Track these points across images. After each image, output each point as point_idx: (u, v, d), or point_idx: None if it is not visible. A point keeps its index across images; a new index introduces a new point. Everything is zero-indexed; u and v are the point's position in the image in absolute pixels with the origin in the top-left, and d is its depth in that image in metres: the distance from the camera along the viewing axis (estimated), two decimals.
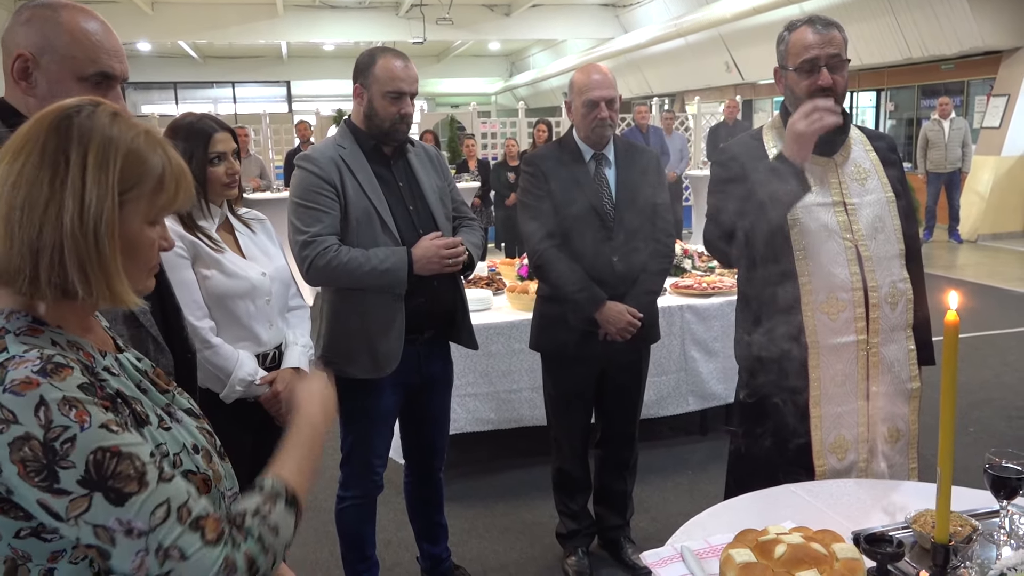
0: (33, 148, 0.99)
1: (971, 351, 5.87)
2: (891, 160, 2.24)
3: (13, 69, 1.49)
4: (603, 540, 3.23)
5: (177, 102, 23.22)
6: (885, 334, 2.16)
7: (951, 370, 1.38)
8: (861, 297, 2.13)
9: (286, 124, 13.30)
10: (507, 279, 4.58)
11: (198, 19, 16.00)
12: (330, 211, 2.45)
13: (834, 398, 2.16)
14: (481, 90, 27.67)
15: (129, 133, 1.03)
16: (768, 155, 2.18)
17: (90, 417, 0.95)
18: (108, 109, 1.04)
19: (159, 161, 1.05)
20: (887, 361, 2.17)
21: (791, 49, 2.14)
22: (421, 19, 15.69)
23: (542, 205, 2.83)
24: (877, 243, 2.15)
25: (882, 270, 2.15)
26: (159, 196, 1.05)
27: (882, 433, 2.19)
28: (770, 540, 1.51)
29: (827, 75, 2.09)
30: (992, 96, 11.15)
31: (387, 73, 2.45)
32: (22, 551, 0.98)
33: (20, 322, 1.01)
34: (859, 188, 2.18)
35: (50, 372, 0.95)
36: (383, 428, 2.68)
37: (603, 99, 2.76)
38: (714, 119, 12.30)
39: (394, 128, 2.51)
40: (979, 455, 1.60)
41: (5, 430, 0.92)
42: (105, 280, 1.01)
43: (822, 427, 2.16)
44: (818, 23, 2.12)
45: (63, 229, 0.97)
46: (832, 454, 2.17)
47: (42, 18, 1.49)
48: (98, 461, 0.94)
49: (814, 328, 2.13)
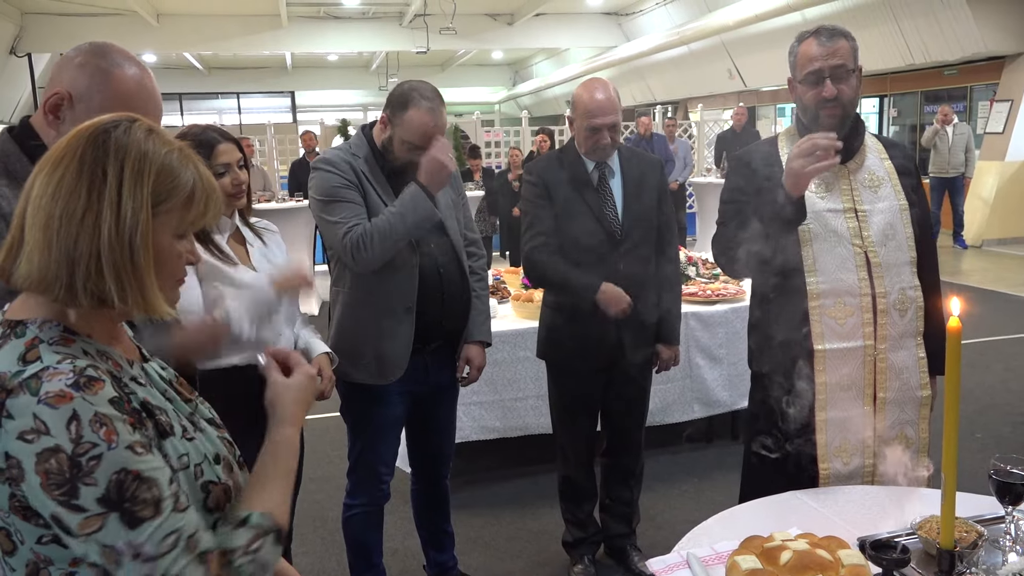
0: (72, 160, 1.02)
1: (977, 357, 5.86)
2: (906, 169, 2.26)
3: (48, 102, 1.52)
4: (609, 548, 3.23)
5: (182, 113, 23.30)
6: (893, 340, 2.17)
7: (955, 375, 1.38)
8: (869, 303, 2.14)
9: (290, 134, 13.35)
10: (512, 287, 4.59)
11: (203, 31, 16.09)
12: (356, 202, 2.44)
13: (839, 403, 2.17)
14: (484, 99, 27.73)
15: (163, 149, 1.06)
16: (782, 163, 2.20)
17: (118, 436, 0.96)
18: (144, 125, 1.08)
19: (191, 177, 1.08)
20: (896, 368, 2.18)
21: (798, 61, 2.18)
22: (424, 29, 15.73)
23: (542, 213, 2.84)
24: (887, 250, 2.16)
25: (891, 277, 2.16)
26: (189, 211, 1.08)
27: (890, 439, 2.19)
28: (776, 547, 1.51)
29: (831, 87, 2.11)
30: (995, 101, 11.15)
31: (414, 127, 2.42)
32: (44, 555, 1.00)
33: (52, 331, 1.03)
34: (871, 195, 2.19)
35: (83, 386, 0.97)
36: (390, 436, 2.68)
37: (605, 126, 2.77)
38: (717, 126, 12.32)
39: (404, 168, 2.50)
40: (985, 461, 1.60)
41: (35, 440, 0.94)
42: (140, 289, 1.03)
43: (827, 431, 2.17)
44: (824, 34, 2.14)
45: (100, 239, 1.00)
46: (837, 458, 2.18)
47: (94, 67, 1.53)
48: (120, 481, 0.95)
49: (821, 333, 2.15)
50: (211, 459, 1.12)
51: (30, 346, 1.00)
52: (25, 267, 1.02)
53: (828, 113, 2.14)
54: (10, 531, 1.00)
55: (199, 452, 1.10)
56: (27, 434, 0.94)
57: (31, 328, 1.02)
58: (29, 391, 0.95)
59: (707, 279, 4.67)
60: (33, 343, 1.01)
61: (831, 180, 2.19)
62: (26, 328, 1.03)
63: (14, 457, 0.94)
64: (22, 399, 0.95)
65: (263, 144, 12.21)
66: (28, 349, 1.00)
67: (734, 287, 4.34)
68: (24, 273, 1.02)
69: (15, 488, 0.96)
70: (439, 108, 2.46)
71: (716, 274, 4.74)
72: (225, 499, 1.10)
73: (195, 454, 1.09)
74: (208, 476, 1.09)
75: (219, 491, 1.09)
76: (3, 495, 0.97)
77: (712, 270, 4.80)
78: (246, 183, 2.26)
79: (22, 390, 0.96)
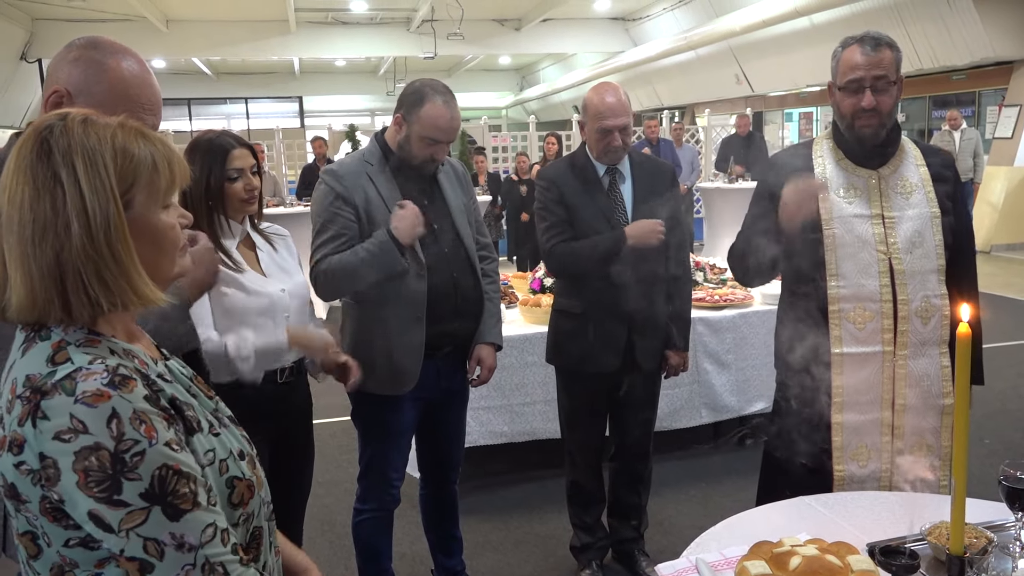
0: (24, 181, 1.00)
1: (986, 362, 5.77)
2: (943, 176, 2.25)
3: (47, 101, 1.51)
4: (617, 553, 3.23)
5: (191, 118, 23.41)
6: (915, 348, 2.18)
7: (964, 381, 1.38)
8: (890, 309, 2.16)
9: (299, 139, 13.39)
10: (519, 292, 4.60)
11: (211, 36, 16.17)
12: (344, 231, 2.46)
13: (856, 406, 2.20)
14: (492, 104, 27.79)
15: (107, 132, 1.03)
16: (813, 168, 2.24)
17: (157, 433, 0.98)
18: (77, 117, 1.04)
19: (145, 148, 1.05)
20: (916, 375, 2.19)
21: (840, 67, 2.17)
22: (432, 34, 15.77)
23: (557, 215, 2.86)
24: (913, 257, 2.17)
25: (915, 284, 2.16)
26: (158, 180, 1.06)
27: (909, 445, 2.21)
28: (785, 552, 1.51)
29: (870, 97, 2.11)
30: (1004, 106, 11.12)
31: (431, 121, 2.44)
32: (70, 559, 1.00)
33: (78, 334, 1.03)
34: (902, 202, 2.19)
35: (118, 384, 0.97)
36: (401, 442, 2.69)
37: (616, 127, 2.78)
38: (724, 131, 12.30)
39: (423, 165, 2.53)
40: (995, 467, 1.60)
41: (73, 439, 0.94)
42: (128, 285, 1.02)
43: (843, 433, 2.20)
44: (868, 43, 2.13)
45: (75, 248, 0.99)
46: (853, 461, 2.20)
47: (88, 60, 1.51)
48: (162, 476, 0.97)
49: (839, 336, 2.17)
50: (236, 455, 1.13)
51: (57, 348, 1.01)
52: (15, 300, 1.00)
53: (864, 123, 2.15)
54: (37, 534, 1.01)
55: (224, 448, 1.11)
56: (64, 434, 0.94)
57: (55, 331, 1.03)
58: (65, 391, 0.96)
59: (715, 284, 4.67)
60: (60, 345, 1.01)
61: (861, 186, 2.21)
62: (50, 331, 1.03)
63: (50, 457, 0.95)
64: (58, 399, 0.95)
65: (271, 149, 12.25)
66: (56, 351, 1.00)
67: (742, 292, 4.34)
68: (16, 307, 1.00)
69: (47, 490, 0.96)
70: (452, 102, 2.49)
71: (724, 279, 4.74)
72: (249, 494, 1.11)
73: (221, 450, 1.10)
74: (233, 472, 1.10)
75: (243, 487, 1.11)
76: (35, 497, 0.97)
77: (720, 275, 4.80)
78: (258, 189, 2.26)
79: (57, 391, 0.96)
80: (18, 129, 1.62)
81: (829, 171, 2.24)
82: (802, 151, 2.34)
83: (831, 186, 2.21)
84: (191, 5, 14.81)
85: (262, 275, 2.26)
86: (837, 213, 2.16)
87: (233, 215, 2.22)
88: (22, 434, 0.96)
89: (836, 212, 2.16)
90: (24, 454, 0.96)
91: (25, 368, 1.00)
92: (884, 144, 2.19)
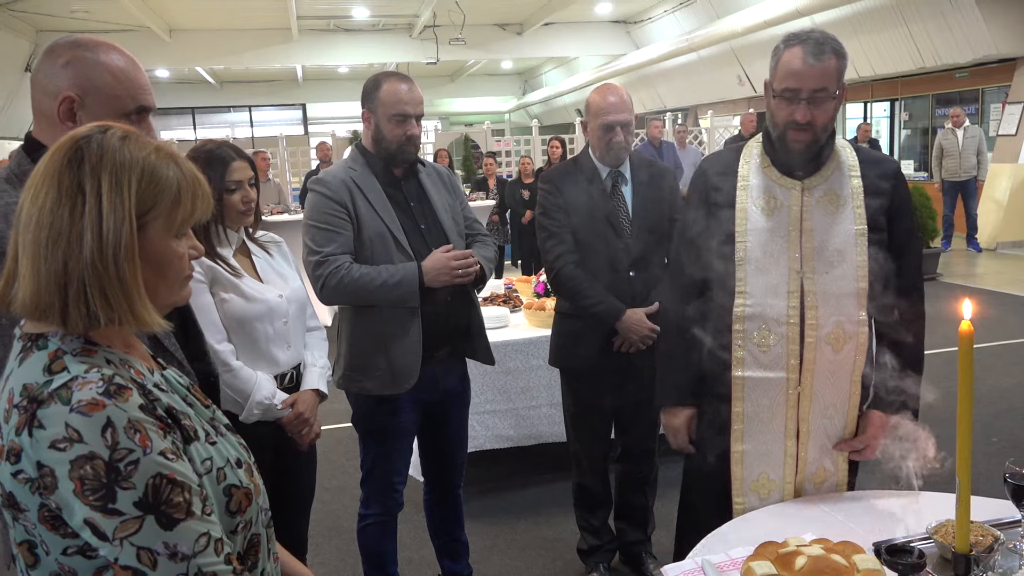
0: (51, 185, 1.02)
1: (993, 360, 5.82)
2: (879, 189, 2.01)
3: (59, 111, 1.50)
4: (624, 555, 3.23)
5: (195, 127, 23.49)
6: (823, 377, 1.99)
7: (967, 379, 1.38)
8: (796, 333, 1.97)
9: (302, 146, 13.43)
10: (524, 296, 4.60)
11: (215, 45, 16.25)
12: (343, 231, 2.49)
13: (758, 435, 2.03)
14: (495, 108, 27.82)
15: (140, 153, 1.05)
16: (737, 172, 2.06)
17: (151, 443, 0.98)
18: (118, 133, 1.06)
19: (173, 176, 1.07)
20: (821, 404, 2.01)
21: (779, 70, 1.95)
22: (434, 40, 15.83)
23: (560, 222, 2.86)
24: (829, 278, 1.96)
25: (828, 308, 1.96)
26: (178, 210, 1.08)
27: (810, 475, 2.06)
28: (791, 552, 1.51)
29: (805, 111, 1.90)
30: (1007, 104, 11.10)
31: (392, 97, 2.50)
32: (68, 567, 1.01)
33: (74, 343, 1.04)
34: (824, 218, 1.98)
35: (114, 394, 0.98)
36: (402, 446, 2.70)
37: (619, 123, 2.79)
38: (727, 132, 12.30)
39: (401, 150, 2.55)
40: (1000, 464, 1.60)
41: (68, 448, 0.95)
42: (128, 305, 1.03)
43: (743, 463, 2.05)
44: (811, 48, 1.89)
45: (84, 259, 1.00)
46: (753, 493, 2.05)
47: (82, 60, 1.51)
48: (156, 486, 0.97)
49: (742, 358, 2.00)
50: (233, 463, 1.13)
51: (54, 357, 1.02)
52: (21, 294, 1.02)
53: (796, 138, 1.95)
54: (35, 543, 1.01)
55: (222, 456, 1.12)
56: (59, 443, 0.95)
57: (52, 340, 1.04)
58: (60, 400, 0.97)
59: None
60: (57, 354, 1.02)
61: (783, 197, 2.00)
62: (47, 340, 1.04)
63: (47, 466, 0.96)
64: (53, 408, 0.96)
65: (274, 156, 12.28)
66: (52, 360, 1.01)
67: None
68: (20, 301, 1.03)
69: (45, 498, 0.97)
70: (408, 79, 2.56)
71: None
72: (247, 502, 1.12)
73: (218, 458, 1.11)
74: (231, 480, 1.11)
75: (241, 494, 1.11)
76: (33, 506, 0.98)
77: None
78: (254, 201, 2.30)
79: (53, 400, 0.97)
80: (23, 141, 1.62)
81: (752, 178, 2.04)
82: (729, 157, 2.13)
83: (751, 195, 2.02)
84: (194, 14, 14.89)
85: (259, 282, 2.29)
86: (752, 226, 1.98)
87: (230, 224, 2.29)
88: (19, 443, 0.97)
89: (751, 225, 1.98)
90: (22, 463, 0.97)
91: (22, 377, 1.01)
92: (810, 155, 1.97)
